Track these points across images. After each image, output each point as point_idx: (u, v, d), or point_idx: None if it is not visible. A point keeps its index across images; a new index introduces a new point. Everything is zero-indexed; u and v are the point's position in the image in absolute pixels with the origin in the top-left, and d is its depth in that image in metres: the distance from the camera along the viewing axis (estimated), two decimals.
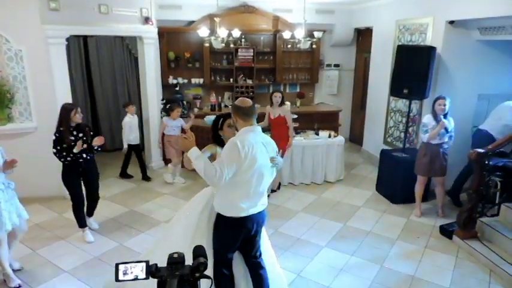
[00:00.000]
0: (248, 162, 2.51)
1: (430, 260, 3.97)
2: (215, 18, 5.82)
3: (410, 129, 5.82)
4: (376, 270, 3.77)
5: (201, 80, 7.48)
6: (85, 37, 6.92)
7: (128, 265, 1.40)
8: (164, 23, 7.02)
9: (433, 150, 4.59)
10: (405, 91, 4.96)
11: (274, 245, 4.12)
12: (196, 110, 7.27)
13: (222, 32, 5.73)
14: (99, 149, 4.14)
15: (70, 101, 5.27)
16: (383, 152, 5.60)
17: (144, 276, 1.41)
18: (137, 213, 4.95)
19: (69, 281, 3.55)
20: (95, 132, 7.40)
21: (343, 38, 7.76)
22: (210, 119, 6.22)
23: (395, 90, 5.17)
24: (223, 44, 5.91)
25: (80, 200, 4.19)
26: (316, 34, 5.98)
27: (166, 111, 6.66)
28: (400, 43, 5.79)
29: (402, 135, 5.73)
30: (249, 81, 7.58)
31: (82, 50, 7.03)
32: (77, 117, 3.97)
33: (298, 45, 6.16)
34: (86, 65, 7.15)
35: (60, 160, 3.96)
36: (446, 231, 4.42)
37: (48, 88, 4.99)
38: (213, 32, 6.29)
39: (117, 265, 1.43)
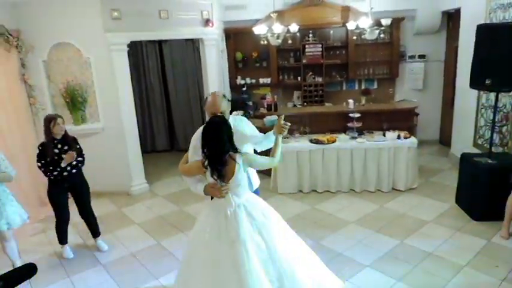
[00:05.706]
0: None
1: None
2: (271, 15, 5.54)
3: (504, 129, 4.70)
4: None
5: (269, 80, 7.29)
6: (160, 42, 7.34)
7: None
8: (232, 24, 7.04)
9: None
10: (487, 82, 3.98)
11: None
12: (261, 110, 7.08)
13: (277, 28, 5.43)
14: (80, 164, 3.86)
15: (132, 104, 5.62)
16: (463, 156, 4.62)
17: None
18: (184, 213, 5.00)
19: (101, 274, 3.73)
20: (170, 134, 7.97)
21: (428, 24, 6.69)
22: (269, 119, 5.97)
23: (475, 81, 4.17)
24: (279, 41, 5.60)
25: (62, 218, 3.94)
26: (384, 22, 5.27)
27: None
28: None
29: (494, 136, 4.64)
30: (319, 79, 7.10)
31: (158, 55, 7.48)
32: (57, 129, 3.65)
33: (363, 36, 5.51)
34: (162, 69, 7.58)
35: (45, 175, 3.73)
36: None
37: (112, 91, 5.37)
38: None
39: None
